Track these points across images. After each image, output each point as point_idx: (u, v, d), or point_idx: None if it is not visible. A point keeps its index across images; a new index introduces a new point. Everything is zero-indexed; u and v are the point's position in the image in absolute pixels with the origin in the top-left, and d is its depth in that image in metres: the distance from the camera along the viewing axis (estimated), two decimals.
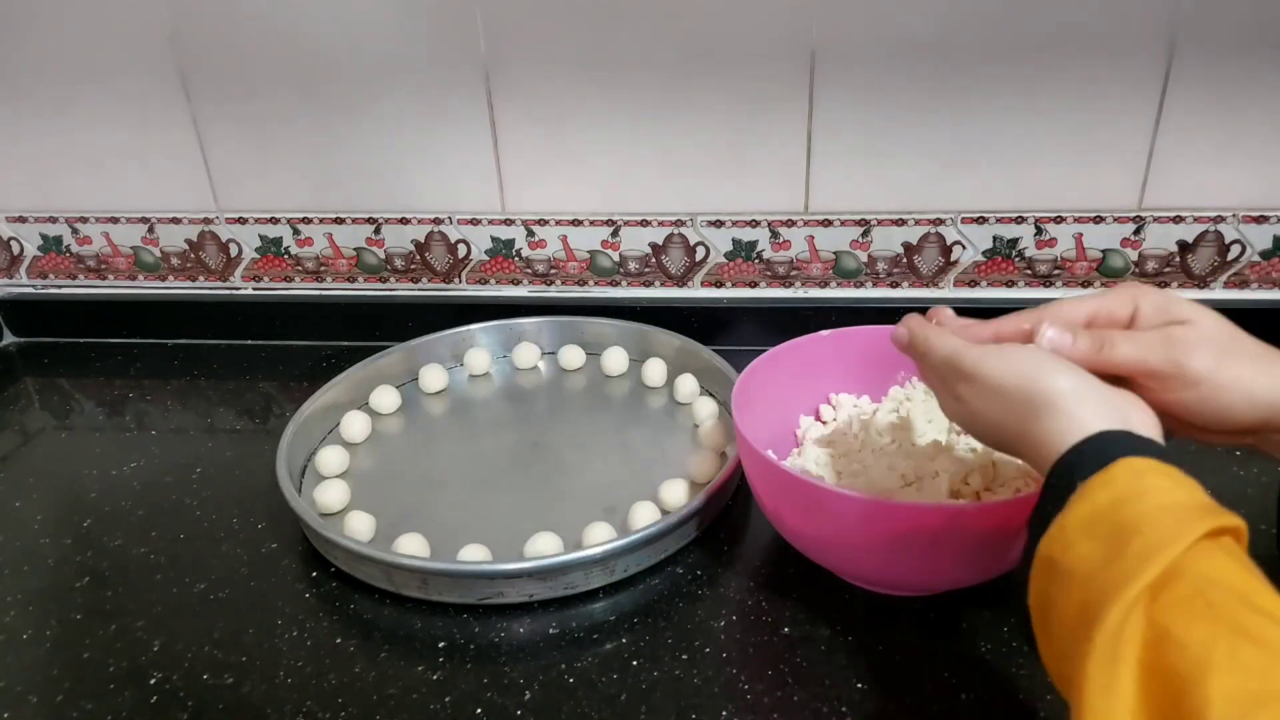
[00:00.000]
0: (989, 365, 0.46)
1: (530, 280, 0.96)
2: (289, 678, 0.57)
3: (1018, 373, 0.45)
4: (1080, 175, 0.84)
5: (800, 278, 0.92)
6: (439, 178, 0.91)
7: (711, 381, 0.83)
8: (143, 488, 0.76)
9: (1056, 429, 0.43)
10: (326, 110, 0.88)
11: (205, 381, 0.93)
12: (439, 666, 0.58)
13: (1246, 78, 0.78)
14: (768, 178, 0.87)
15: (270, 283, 0.99)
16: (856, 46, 0.80)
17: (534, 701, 0.55)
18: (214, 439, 0.83)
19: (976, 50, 0.79)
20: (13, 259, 1.01)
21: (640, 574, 0.64)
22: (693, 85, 0.83)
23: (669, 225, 0.91)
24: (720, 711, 0.53)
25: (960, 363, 0.48)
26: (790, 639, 0.58)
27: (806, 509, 0.57)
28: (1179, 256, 0.87)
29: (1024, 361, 0.46)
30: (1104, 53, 0.78)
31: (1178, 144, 0.81)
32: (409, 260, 0.96)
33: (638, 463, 0.76)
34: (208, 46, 0.87)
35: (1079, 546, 0.38)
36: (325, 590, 0.64)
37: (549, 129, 0.87)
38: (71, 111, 0.91)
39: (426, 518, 0.69)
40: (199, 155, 0.92)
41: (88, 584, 0.66)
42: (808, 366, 0.71)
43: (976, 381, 0.47)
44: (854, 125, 0.83)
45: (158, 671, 0.58)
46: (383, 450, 0.80)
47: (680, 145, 0.86)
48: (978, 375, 0.47)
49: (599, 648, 0.59)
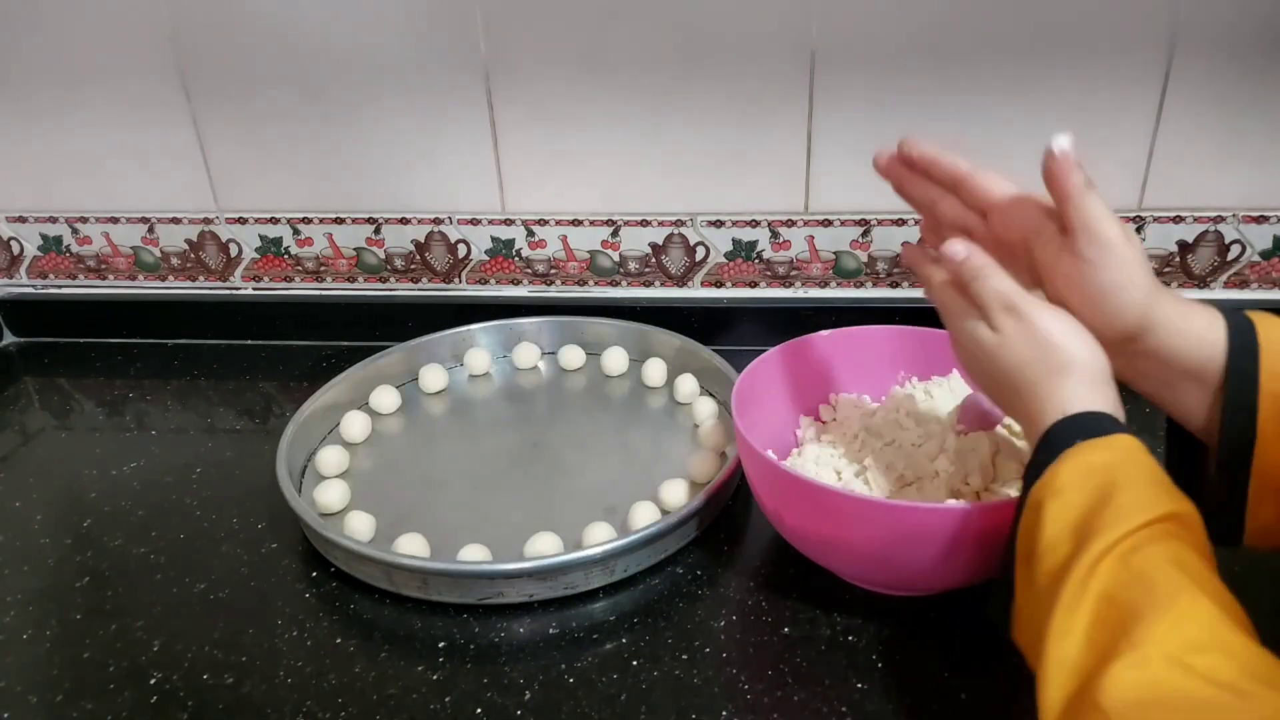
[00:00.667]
0: (1042, 313, 0.48)
1: (530, 280, 0.96)
2: (289, 678, 0.57)
3: (1062, 330, 0.48)
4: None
5: (800, 278, 0.92)
6: (439, 178, 0.91)
7: (711, 381, 0.83)
8: (143, 488, 0.76)
9: (1069, 393, 0.47)
10: (326, 110, 0.88)
11: (205, 381, 0.93)
12: (439, 666, 0.58)
13: (1246, 78, 0.78)
14: (768, 178, 0.87)
15: (270, 283, 0.99)
16: (856, 46, 0.80)
17: (534, 701, 0.55)
18: (214, 439, 0.83)
19: (976, 50, 0.79)
20: (13, 259, 1.01)
21: (640, 574, 0.64)
22: (693, 85, 0.83)
23: (669, 225, 0.91)
24: (720, 711, 0.53)
25: (1017, 299, 0.49)
26: (790, 639, 0.58)
27: (806, 509, 0.57)
28: (1179, 256, 0.87)
29: (1068, 323, 0.48)
30: (1104, 52, 0.78)
31: (1178, 144, 0.81)
32: (409, 260, 0.96)
33: (638, 463, 0.76)
34: (208, 46, 0.87)
35: (1069, 494, 0.43)
36: (325, 590, 0.64)
37: (549, 129, 0.87)
38: (72, 112, 0.91)
39: (426, 518, 0.69)
40: (199, 155, 0.92)
41: (88, 584, 0.66)
42: (808, 366, 0.71)
43: (1025, 321, 0.48)
44: (854, 125, 0.83)
45: (158, 671, 0.58)
46: (383, 450, 0.80)
47: (680, 145, 0.86)
48: (1031, 317, 0.48)
49: (599, 648, 0.59)
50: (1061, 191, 0.48)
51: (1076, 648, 0.38)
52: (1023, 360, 0.48)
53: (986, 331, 0.50)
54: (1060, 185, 0.48)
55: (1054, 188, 0.48)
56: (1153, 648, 0.35)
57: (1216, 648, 0.35)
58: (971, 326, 0.51)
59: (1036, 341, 0.48)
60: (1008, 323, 0.49)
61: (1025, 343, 0.48)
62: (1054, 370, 0.47)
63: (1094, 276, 0.48)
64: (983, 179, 0.53)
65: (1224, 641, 0.36)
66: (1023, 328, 0.48)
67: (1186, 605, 0.37)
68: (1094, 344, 0.48)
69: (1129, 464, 0.43)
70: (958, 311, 0.52)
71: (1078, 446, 0.44)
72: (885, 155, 0.55)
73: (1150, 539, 0.40)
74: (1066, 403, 0.46)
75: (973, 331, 0.51)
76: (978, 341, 0.50)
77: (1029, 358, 0.48)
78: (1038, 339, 0.48)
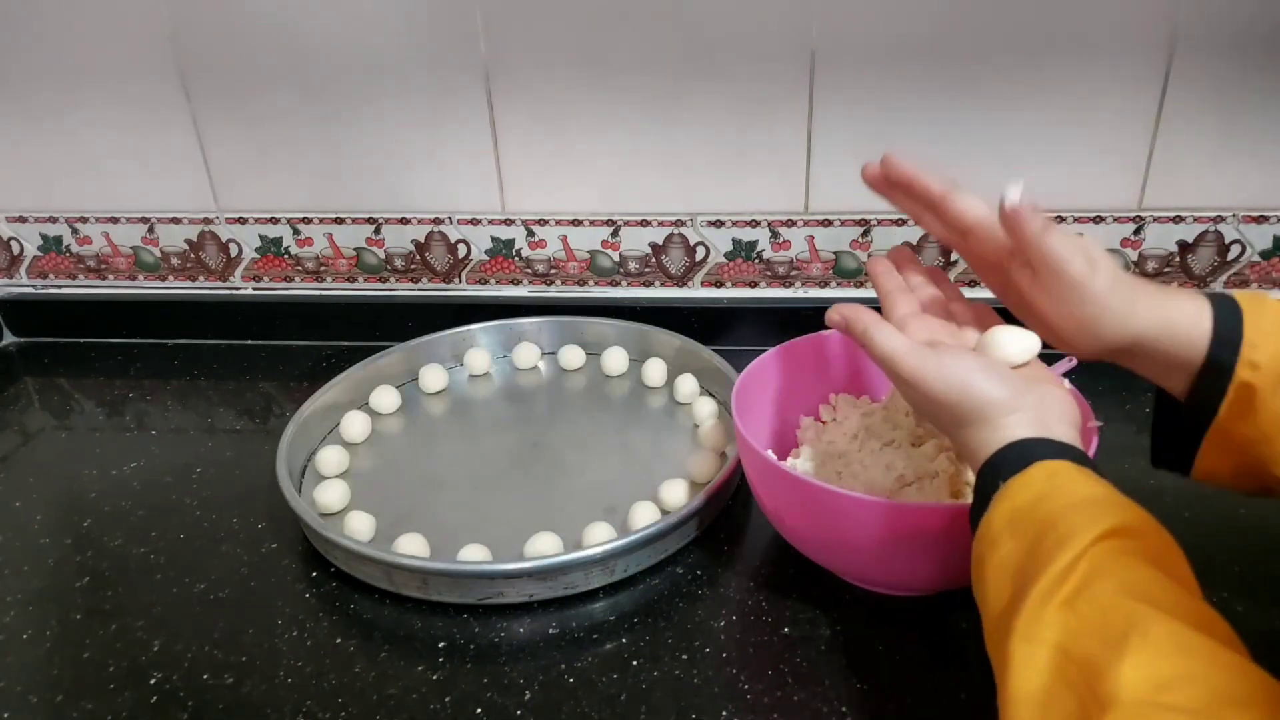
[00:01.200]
0: (927, 373, 0.48)
1: (530, 280, 0.96)
2: (289, 678, 0.57)
3: (953, 382, 0.48)
4: (1080, 175, 0.84)
5: (800, 278, 0.92)
6: (439, 178, 0.91)
7: (711, 381, 0.83)
8: (143, 488, 0.76)
9: (983, 437, 0.47)
10: (326, 110, 0.88)
11: (205, 381, 0.93)
12: (439, 666, 0.58)
13: (1246, 78, 0.78)
14: (768, 178, 0.87)
15: (270, 283, 0.99)
16: (856, 46, 0.80)
17: (534, 701, 0.55)
18: (214, 439, 0.83)
19: (976, 50, 0.79)
20: (13, 259, 1.01)
21: (640, 574, 0.64)
22: (693, 85, 0.83)
23: (669, 225, 0.91)
24: (720, 711, 0.53)
25: (899, 368, 0.49)
26: (790, 639, 0.58)
27: (806, 509, 0.57)
28: (1179, 256, 0.87)
29: (961, 370, 0.48)
30: (1104, 53, 0.78)
31: (1178, 144, 0.81)
32: (409, 260, 0.96)
33: (638, 463, 0.76)
34: (208, 46, 0.87)
35: (1003, 544, 0.42)
36: (325, 590, 0.64)
37: (549, 129, 0.87)
38: (72, 112, 0.91)
39: (426, 518, 0.69)
40: (199, 155, 0.92)
41: (88, 584, 0.66)
42: (808, 366, 0.71)
43: (914, 387, 0.49)
44: (854, 125, 0.83)
45: (158, 671, 0.58)
46: (383, 450, 0.80)
47: (680, 145, 0.86)
48: (915, 382, 0.48)
49: (599, 648, 0.59)
50: (1021, 239, 0.48)
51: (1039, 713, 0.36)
52: (932, 416, 0.50)
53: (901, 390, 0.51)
54: (1019, 234, 0.48)
55: (1013, 237, 0.49)
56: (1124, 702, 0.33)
57: (1185, 677, 0.34)
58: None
59: (933, 403, 0.48)
60: (902, 388, 0.50)
61: (923, 406, 0.50)
62: (962, 422, 0.48)
63: (1065, 311, 0.48)
64: (956, 201, 0.52)
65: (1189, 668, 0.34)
66: (915, 394, 0.49)
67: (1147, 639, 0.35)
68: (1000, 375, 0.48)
69: (1054, 493, 0.42)
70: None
71: (1002, 490, 0.44)
72: (872, 169, 0.55)
73: (1094, 570, 0.38)
74: (984, 448, 0.46)
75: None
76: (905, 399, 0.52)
77: (933, 415, 0.50)
78: (933, 400, 0.48)
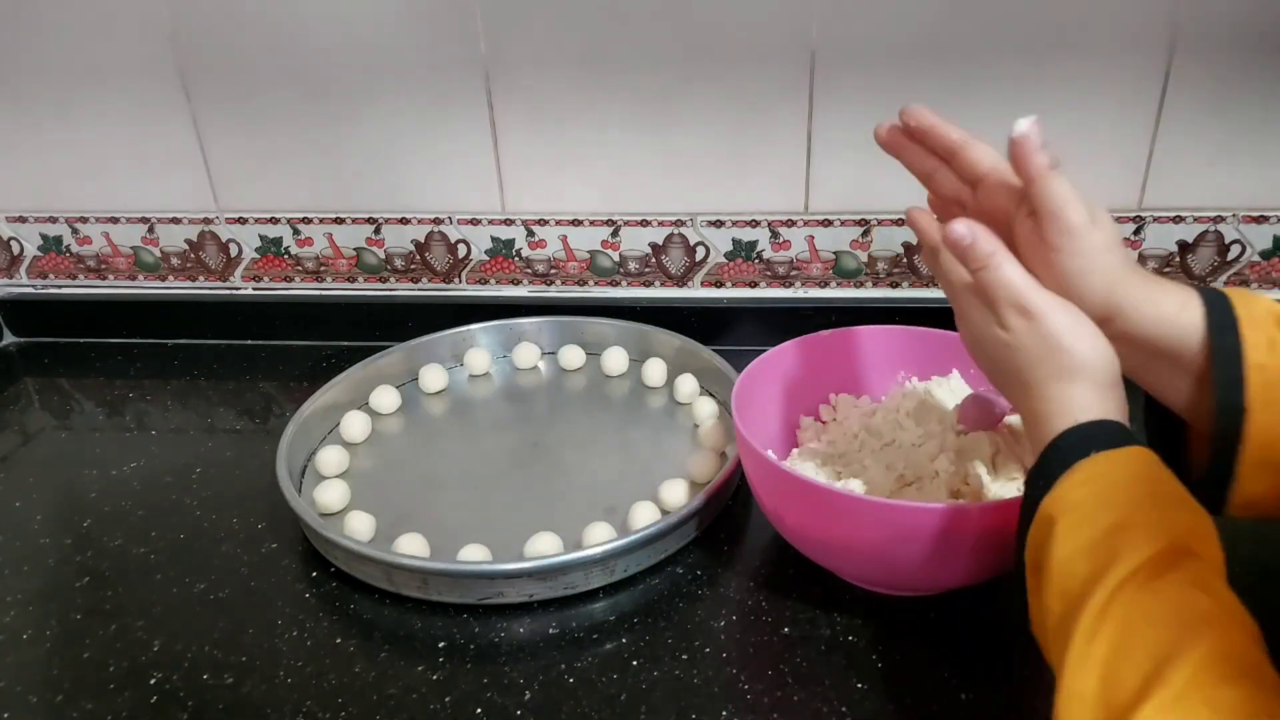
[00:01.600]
0: (1052, 312, 0.46)
1: (530, 280, 0.96)
2: (289, 678, 0.57)
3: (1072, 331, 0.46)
4: (1080, 175, 0.82)
5: (800, 278, 0.92)
6: (439, 178, 0.91)
7: (711, 381, 0.83)
8: (143, 488, 0.76)
9: (1078, 398, 0.45)
10: (326, 110, 0.88)
11: (205, 381, 0.93)
12: (439, 666, 0.58)
13: (1246, 78, 0.78)
14: (768, 178, 0.87)
15: (270, 283, 0.99)
16: (856, 46, 0.80)
17: (534, 701, 0.55)
18: (214, 439, 0.83)
19: (976, 50, 0.79)
20: (13, 259, 1.01)
21: (640, 574, 0.64)
22: (693, 85, 0.83)
23: (669, 225, 0.91)
24: (720, 711, 0.53)
25: (1026, 295, 0.47)
26: (790, 639, 0.58)
27: (806, 509, 0.57)
28: (1179, 256, 0.87)
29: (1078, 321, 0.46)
30: (1104, 52, 0.78)
31: (1178, 144, 0.81)
32: (409, 260, 0.96)
33: (638, 463, 0.76)
34: (208, 46, 0.87)
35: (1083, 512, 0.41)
36: (325, 590, 0.64)
37: (549, 129, 0.87)
38: (71, 112, 0.91)
39: (426, 518, 0.69)
40: (199, 155, 0.92)
41: (88, 584, 0.66)
42: (808, 366, 0.71)
43: (1035, 320, 0.46)
44: (854, 125, 0.83)
45: (158, 671, 0.58)
46: (383, 450, 0.80)
47: (680, 145, 0.86)
48: (1040, 315, 0.46)
49: (599, 648, 0.59)
50: (1025, 174, 0.47)
51: (1096, 680, 0.36)
52: (1030, 361, 0.47)
53: (994, 328, 0.48)
54: (1024, 168, 0.47)
55: (1018, 170, 0.48)
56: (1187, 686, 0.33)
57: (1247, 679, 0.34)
58: (979, 318, 0.49)
59: (1045, 342, 0.46)
60: (1016, 321, 0.47)
61: (1033, 343, 0.46)
62: (1062, 374, 0.46)
63: (1057, 261, 0.47)
64: (972, 150, 0.52)
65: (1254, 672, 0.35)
66: (1031, 327, 0.46)
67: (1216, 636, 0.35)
68: (1104, 344, 0.46)
69: (1145, 481, 0.42)
70: (963, 298, 0.51)
71: (1091, 459, 0.42)
72: (886, 125, 0.54)
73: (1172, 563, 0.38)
74: (1075, 409, 0.45)
75: (980, 324, 0.49)
76: (984, 336, 0.49)
77: (1037, 359, 0.46)
78: (1047, 340, 0.46)
